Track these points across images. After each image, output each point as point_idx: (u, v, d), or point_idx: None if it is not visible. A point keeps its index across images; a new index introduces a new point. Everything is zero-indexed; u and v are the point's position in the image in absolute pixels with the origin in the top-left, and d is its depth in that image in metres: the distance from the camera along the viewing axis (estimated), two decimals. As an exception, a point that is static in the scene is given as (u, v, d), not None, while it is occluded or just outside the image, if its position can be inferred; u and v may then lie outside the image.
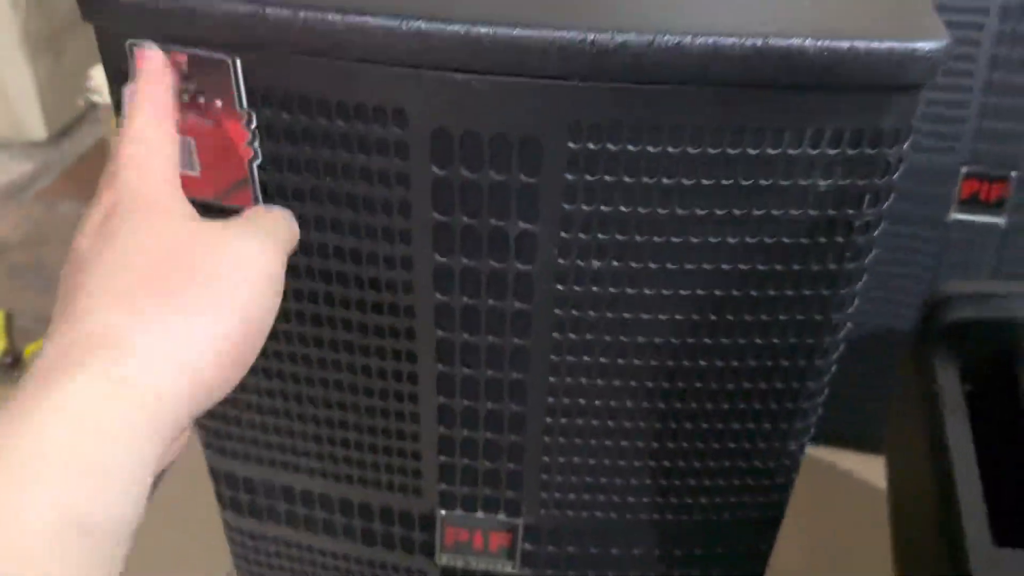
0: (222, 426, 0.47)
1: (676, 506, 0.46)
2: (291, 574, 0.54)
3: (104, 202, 0.32)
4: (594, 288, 0.38)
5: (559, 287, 0.38)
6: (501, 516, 0.47)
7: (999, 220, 0.80)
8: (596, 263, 0.37)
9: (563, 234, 0.36)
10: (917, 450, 0.54)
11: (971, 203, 0.80)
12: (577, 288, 0.38)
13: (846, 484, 0.89)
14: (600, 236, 0.36)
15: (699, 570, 0.49)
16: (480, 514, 0.47)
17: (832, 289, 0.38)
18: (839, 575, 0.80)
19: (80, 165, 1.41)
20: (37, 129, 1.41)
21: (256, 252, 0.32)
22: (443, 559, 0.50)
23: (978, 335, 0.56)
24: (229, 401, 0.46)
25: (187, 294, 0.30)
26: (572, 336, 0.40)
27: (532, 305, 0.39)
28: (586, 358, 0.41)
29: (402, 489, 0.47)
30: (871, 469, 0.79)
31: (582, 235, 0.36)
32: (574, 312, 0.39)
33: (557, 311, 0.39)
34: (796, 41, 0.31)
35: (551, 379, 0.41)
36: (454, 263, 0.38)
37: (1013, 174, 0.78)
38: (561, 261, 0.37)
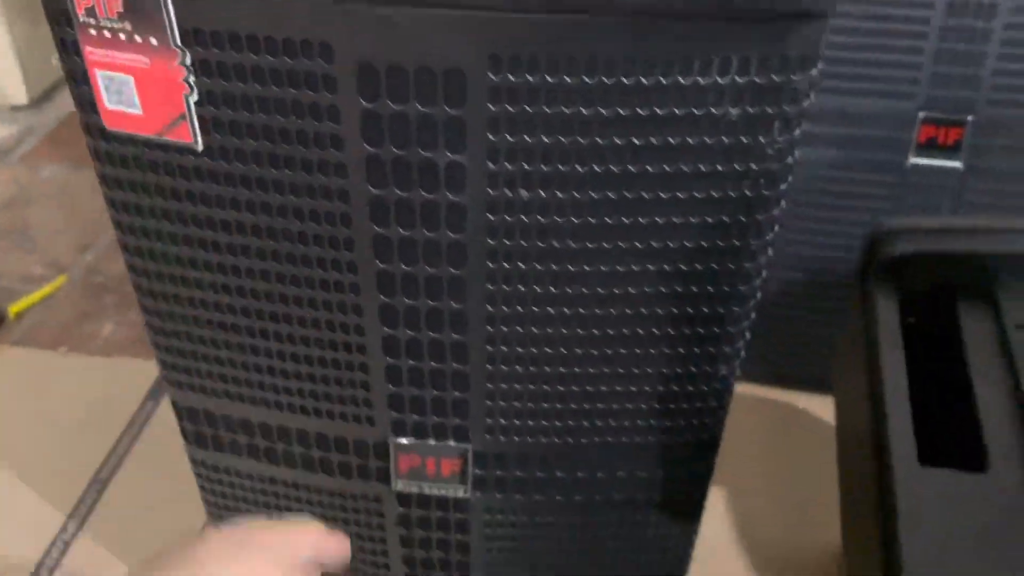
0: (180, 361, 0.49)
1: (616, 430, 0.48)
2: (255, 506, 0.56)
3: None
4: (524, 218, 0.40)
5: (490, 217, 0.40)
6: (451, 443, 0.49)
7: (956, 164, 0.81)
8: (525, 193, 0.39)
9: (490, 165, 0.38)
10: (857, 381, 0.56)
11: (929, 148, 0.82)
12: (508, 218, 0.40)
13: (808, 424, 0.91)
14: (526, 166, 0.38)
15: (642, 492, 0.52)
16: (431, 441, 0.49)
17: (749, 215, 0.39)
18: (799, 512, 0.83)
19: (62, 128, 1.42)
20: (18, 94, 1.41)
21: None
22: (399, 485, 0.52)
23: (919, 268, 0.58)
24: (185, 336, 0.48)
25: None
26: (506, 265, 0.41)
27: (465, 236, 0.41)
28: (521, 288, 0.42)
29: (355, 419, 0.49)
30: (830, 409, 0.82)
31: (508, 165, 0.38)
32: (506, 242, 0.41)
33: (490, 241, 0.41)
34: (698, -30, 0.33)
35: (489, 308, 0.43)
36: (388, 195, 0.39)
37: (969, 118, 0.80)
38: (490, 191, 0.39)
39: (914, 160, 0.82)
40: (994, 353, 0.52)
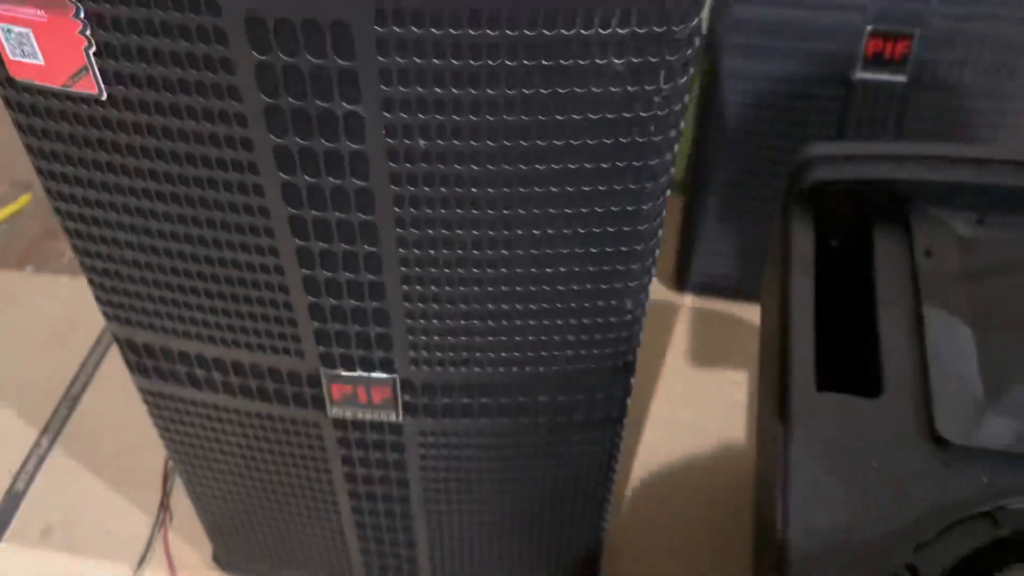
0: (115, 297, 0.51)
1: (534, 359, 0.51)
2: (203, 430, 0.59)
3: None
4: (425, 165, 0.41)
5: (392, 165, 0.41)
6: (378, 374, 0.52)
7: (901, 78, 0.82)
8: (423, 142, 0.40)
9: (386, 114, 0.39)
10: (771, 305, 0.58)
11: (875, 62, 0.81)
12: (409, 165, 0.41)
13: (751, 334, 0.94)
14: (421, 116, 0.39)
15: (564, 415, 0.55)
16: (359, 372, 0.52)
17: (643, 160, 0.41)
18: (727, 420, 0.87)
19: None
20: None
21: None
22: (333, 411, 0.55)
23: (838, 194, 0.59)
24: (116, 274, 0.49)
25: None
26: (412, 211, 0.43)
27: (371, 183, 0.42)
28: (429, 231, 0.44)
29: (286, 352, 0.52)
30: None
31: (404, 115, 0.39)
32: (410, 188, 0.42)
33: (394, 187, 0.42)
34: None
35: (401, 251, 0.45)
36: (290, 143, 0.40)
37: (916, 32, 0.79)
38: (390, 141, 0.40)
39: (860, 75, 0.82)
40: (902, 278, 0.54)
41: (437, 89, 0.38)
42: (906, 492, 0.45)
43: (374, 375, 0.52)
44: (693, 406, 0.89)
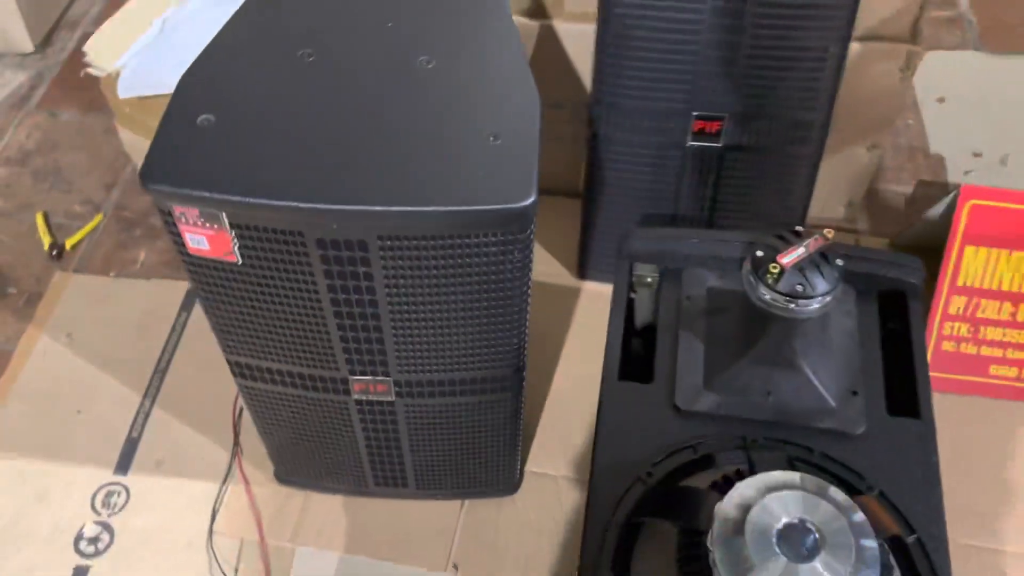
0: (231, 340, 0.92)
1: (462, 367, 0.92)
2: (276, 403, 1.00)
3: None
4: (405, 296, 0.81)
5: (387, 289, 0.81)
6: (380, 377, 0.93)
7: (718, 144, 1.21)
8: (400, 283, 0.80)
9: (384, 274, 0.79)
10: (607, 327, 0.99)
11: (700, 135, 1.21)
12: (395, 292, 0.81)
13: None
14: (399, 277, 0.79)
15: (487, 393, 0.97)
16: (369, 376, 0.93)
17: (509, 297, 0.81)
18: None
19: (66, 72, 1.72)
20: (24, 42, 1.70)
21: None
22: (355, 396, 0.97)
23: (644, 258, 0.99)
24: (236, 333, 0.90)
25: None
26: (397, 310, 0.83)
27: (376, 296, 0.82)
28: (405, 322, 0.84)
29: (329, 367, 0.92)
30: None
31: (391, 277, 0.79)
32: (397, 303, 0.82)
33: (388, 297, 0.82)
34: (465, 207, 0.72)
35: (392, 327, 0.85)
36: (334, 282, 0.80)
37: (726, 115, 1.18)
38: (387, 288, 0.80)
39: (691, 143, 1.21)
40: (671, 313, 0.96)
41: (401, 263, 0.78)
42: (654, 436, 0.87)
43: (378, 378, 0.93)
44: (589, 364, 1.31)
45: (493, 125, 0.78)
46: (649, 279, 1.01)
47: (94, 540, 1.16)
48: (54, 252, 1.45)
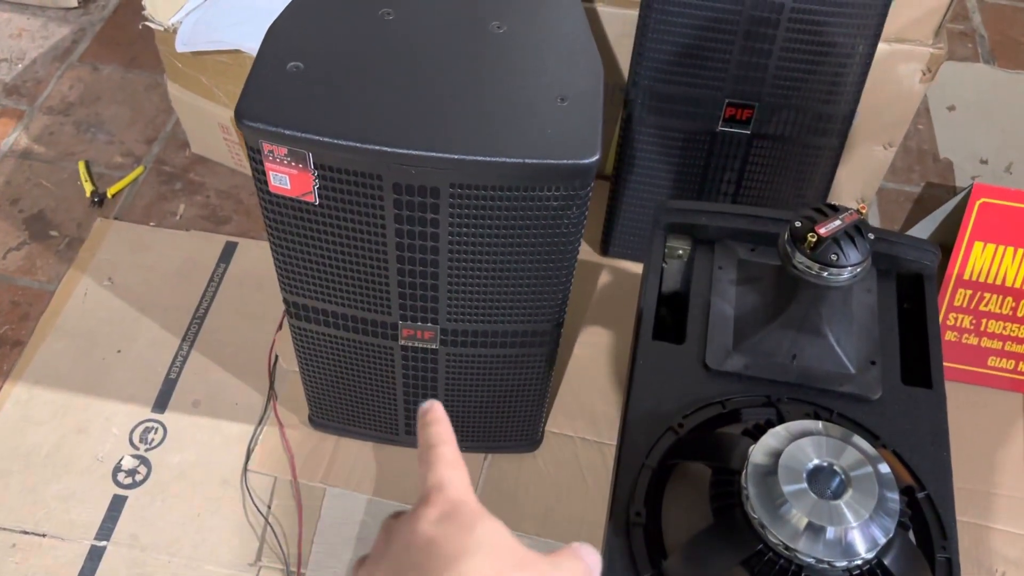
0: (292, 280, 0.97)
1: (506, 319, 0.98)
2: (326, 345, 1.06)
3: (437, 507, 0.41)
4: (466, 235, 0.87)
5: (449, 230, 0.87)
6: (429, 324, 0.99)
7: (746, 131, 1.28)
8: (462, 228, 0.86)
9: (450, 218, 0.85)
10: (641, 290, 1.06)
11: (730, 121, 1.27)
12: (456, 237, 0.87)
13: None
14: (464, 224, 0.85)
15: (524, 346, 1.03)
16: (419, 324, 0.99)
17: (568, 247, 0.87)
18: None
19: (108, 28, 1.77)
20: (68, -4, 1.75)
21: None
22: (402, 342, 1.02)
23: (677, 229, 1.06)
24: (297, 272, 0.95)
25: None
26: (455, 254, 0.89)
27: (439, 242, 0.88)
28: (463, 263, 0.90)
29: (381, 311, 0.98)
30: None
31: (456, 223, 0.85)
32: (457, 244, 0.88)
33: (450, 242, 0.88)
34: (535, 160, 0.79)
35: (448, 271, 0.91)
36: (402, 222, 0.86)
37: (756, 104, 1.25)
38: (450, 226, 0.86)
39: (721, 128, 1.28)
40: (703, 281, 1.02)
41: (468, 211, 0.84)
42: (684, 392, 0.94)
43: (427, 325, 0.99)
44: (609, 335, 1.38)
45: (560, 88, 0.84)
46: (680, 251, 1.07)
47: (132, 472, 1.21)
48: (95, 199, 1.49)
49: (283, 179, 0.83)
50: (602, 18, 1.35)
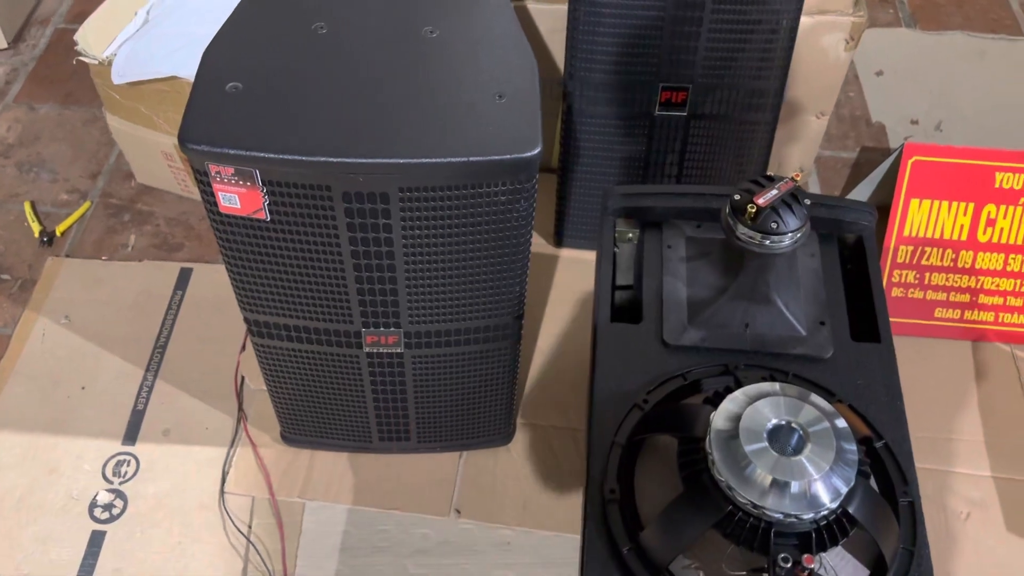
0: (250, 298, 0.98)
1: (465, 318, 1.00)
2: (290, 360, 1.07)
3: None
4: (417, 240, 0.89)
5: (403, 235, 0.89)
6: (391, 329, 1.01)
7: (683, 113, 1.31)
8: (415, 232, 0.88)
9: (401, 223, 0.86)
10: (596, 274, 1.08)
11: (667, 104, 1.31)
12: (410, 242, 0.89)
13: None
14: (415, 228, 0.87)
15: (486, 342, 1.05)
16: (381, 328, 1.01)
17: (519, 244, 0.89)
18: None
19: (41, 66, 1.75)
20: (-2, 38, 1.72)
21: None
22: (367, 348, 1.04)
23: (623, 212, 1.08)
24: (255, 291, 0.96)
25: None
26: (411, 261, 0.91)
27: (393, 247, 0.90)
28: (419, 267, 0.92)
29: (343, 321, 1.00)
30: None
31: (407, 227, 0.87)
32: (411, 247, 0.90)
33: (404, 245, 0.90)
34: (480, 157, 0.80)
35: (406, 277, 0.93)
36: (356, 231, 0.88)
37: (690, 86, 1.28)
38: (403, 230, 0.88)
39: (658, 112, 1.31)
40: (655, 260, 1.05)
41: (419, 214, 0.85)
42: (646, 369, 0.96)
43: (390, 330, 1.01)
44: (570, 323, 1.41)
45: (497, 86, 0.86)
46: (630, 235, 1.10)
47: (108, 507, 1.21)
48: (44, 239, 1.48)
49: (232, 199, 0.84)
50: (533, 15, 1.37)
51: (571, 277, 1.47)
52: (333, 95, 0.84)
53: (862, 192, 1.41)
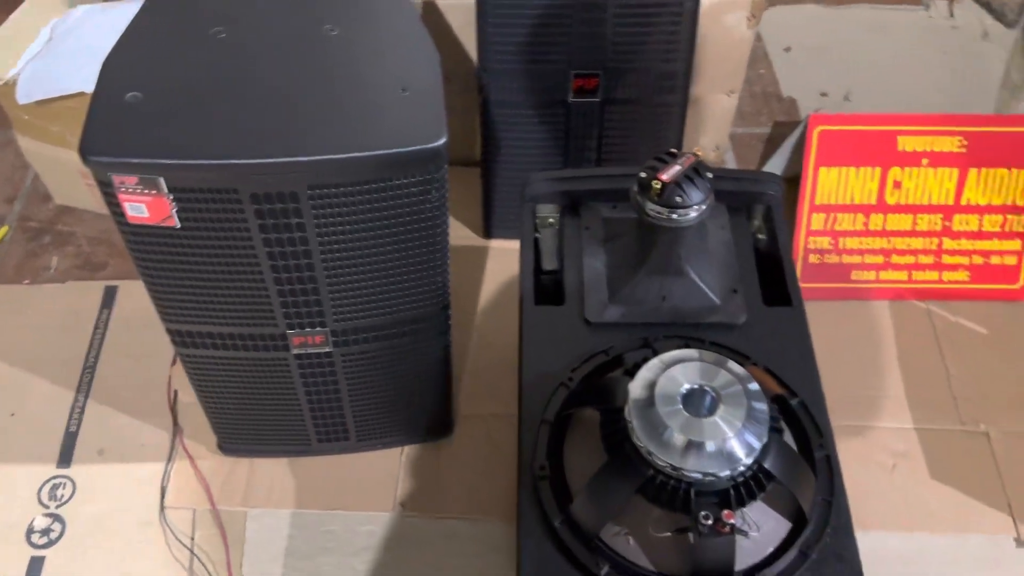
0: (170, 309, 0.98)
1: (391, 311, 1.01)
2: (218, 368, 1.07)
3: None
4: (333, 236, 0.90)
5: (317, 233, 0.89)
6: (317, 329, 1.01)
7: (596, 99, 1.33)
8: (329, 230, 0.88)
9: (314, 222, 0.87)
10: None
11: (580, 91, 1.33)
12: (325, 238, 0.90)
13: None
14: (328, 224, 0.87)
15: (416, 335, 1.06)
16: (307, 329, 1.01)
17: (433, 238, 0.91)
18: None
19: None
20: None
21: None
22: (295, 350, 1.04)
23: (544, 198, 1.11)
24: (174, 300, 0.96)
25: None
26: (328, 259, 0.91)
27: (309, 246, 0.90)
28: (336, 267, 0.93)
29: (267, 325, 1.00)
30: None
31: (321, 226, 0.87)
32: (328, 245, 0.91)
33: (320, 244, 0.90)
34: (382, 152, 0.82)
35: (325, 274, 0.93)
36: (268, 232, 0.88)
37: (601, 72, 1.31)
38: (316, 228, 0.88)
39: (573, 99, 1.33)
40: (575, 242, 1.07)
41: (331, 211, 0.86)
42: (570, 348, 0.98)
43: (315, 330, 1.01)
44: (503, 312, 1.42)
45: (401, 80, 0.87)
46: (551, 219, 1.12)
47: (46, 531, 1.19)
48: (-36, 263, 1.44)
49: (140, 208, 0.84)
50: (444, 11, 1.38)
51: (502, 267, 1.49)
52: (235, 98, 0.85)
53: (775, 165, 1.45)
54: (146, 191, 0.82)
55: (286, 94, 0.86)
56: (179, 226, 0.86)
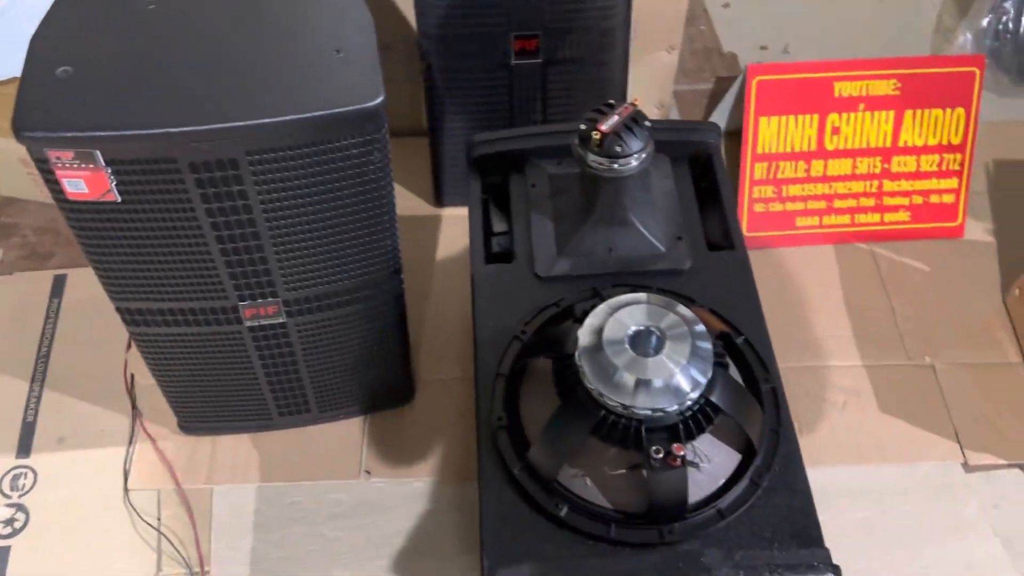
0: (118, 286, 0.97)
1: (342, 279, 1.02)
2: (172, 346, 1.06)
3: None
4: (276, 203, 0.90)
5: (260, 201, 0.90)
6: (269, 299, 1.01)
7: (538, 60, 1.34)
8: (272, 197, 0.89)
9: (256, 189, 0.87)
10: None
11: (521, 53, 1.33)
12: (268, 207, 0.90)
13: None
14: (271, 191, 0.87)
15: (369, 300, 1.07)
16: (258, 300, 1.01)
17: (378, 207, 0.91)
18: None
19: None
20: None
21: None
22: (247, 323, 1.04)
23: (490, 159, 1.12)
24: (123, 277, 0.96)
25: None
26: (273, 227, 0.92)
27: (253, 214, 0.90)
28: (283, 237, 0.93)
29: (218, 298, 1.00)
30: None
31: (262, 192, 0.87)
32: (272, 215, 0.91)
33: (264, 212, 0.91)
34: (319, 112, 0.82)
35: (273, 245, 0.94)
36: (211, 201, 0.88)
37: (540, 33, 1.31)
38: (259, 196, 0.88)
39: (515, 62, 1.34)
40: (521, 200, 1.09)
41: (272, 176, 0.86)
42: (522, 303, 1.00)
43: (268, 300, 1.01)
44: (457, 279, 1.43)
45: (335, 42, 0.87)
46: (498, 180, 1.13)
47: (9, 521, 1.18)
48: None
49: (78, 184, 0.84)
50: (380, -21, 1.38)
51: (455, 234, 1.50)
52: (168, 68, 0.84)
53: (718, 118, 1.47)
54: (83, 165, 0.82)
55: (220, 62, 0.85)
56: (120, 200, 0.86)
